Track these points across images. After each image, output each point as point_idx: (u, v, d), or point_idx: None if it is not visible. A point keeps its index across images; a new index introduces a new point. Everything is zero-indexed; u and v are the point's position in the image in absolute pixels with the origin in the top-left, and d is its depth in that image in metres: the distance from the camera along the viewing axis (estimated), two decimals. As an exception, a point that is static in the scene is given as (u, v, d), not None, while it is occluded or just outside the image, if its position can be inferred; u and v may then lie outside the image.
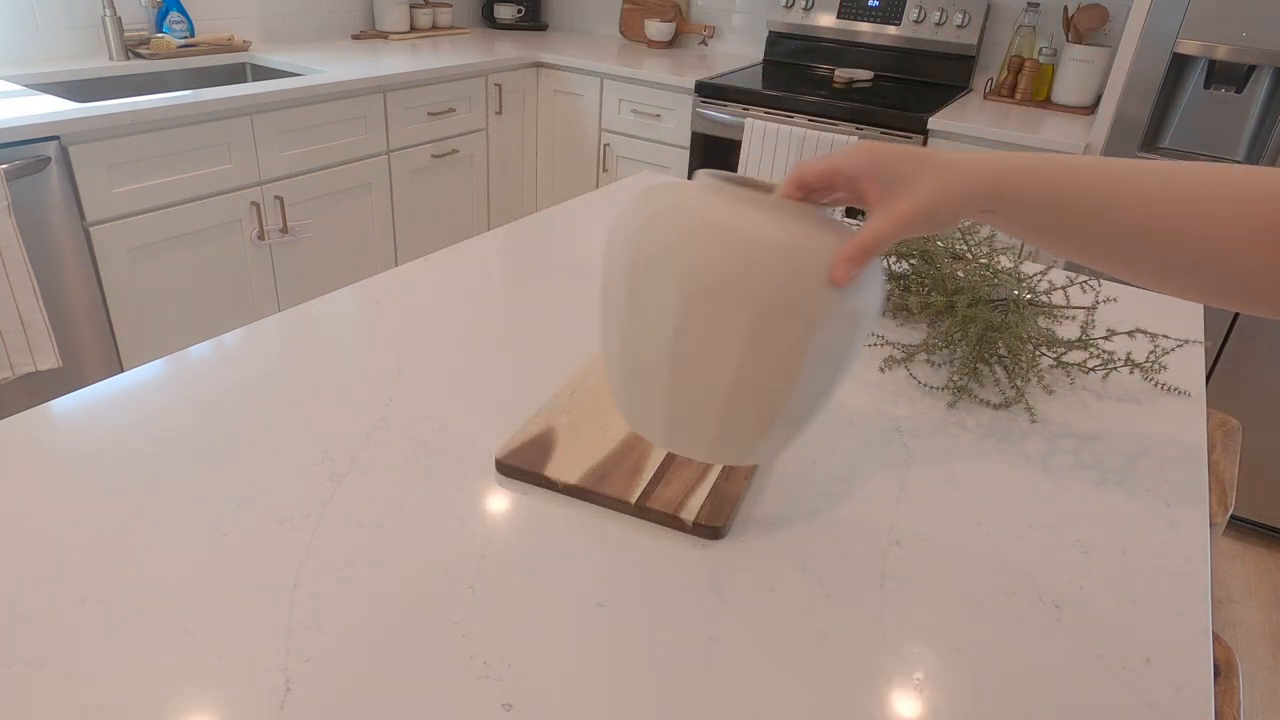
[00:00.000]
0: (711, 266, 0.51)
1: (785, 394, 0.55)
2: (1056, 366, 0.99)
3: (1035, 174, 0.51)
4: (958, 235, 1.07)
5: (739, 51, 3.03)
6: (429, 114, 2.45)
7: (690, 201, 0.54)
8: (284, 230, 2.11)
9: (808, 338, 0.53)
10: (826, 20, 2.74)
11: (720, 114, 2.47)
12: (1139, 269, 0.51)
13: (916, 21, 2.61)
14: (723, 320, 0.52)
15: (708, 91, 2.48)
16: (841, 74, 2.57)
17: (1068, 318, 1.11)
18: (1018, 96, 2.43)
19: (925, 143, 2.20)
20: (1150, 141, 1.95)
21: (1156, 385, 0.97)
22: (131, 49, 2.21)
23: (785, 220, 0.53)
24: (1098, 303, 1.15)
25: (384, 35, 2.84)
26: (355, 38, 2.81)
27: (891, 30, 2.65)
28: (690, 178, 2.60)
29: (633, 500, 0.69)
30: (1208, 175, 0.47)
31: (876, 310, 0.56)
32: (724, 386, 0.55)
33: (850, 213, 1.91)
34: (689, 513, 0.68)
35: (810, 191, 0.56)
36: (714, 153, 2.63)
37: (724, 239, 0.51)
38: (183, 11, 2.31)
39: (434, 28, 2.99)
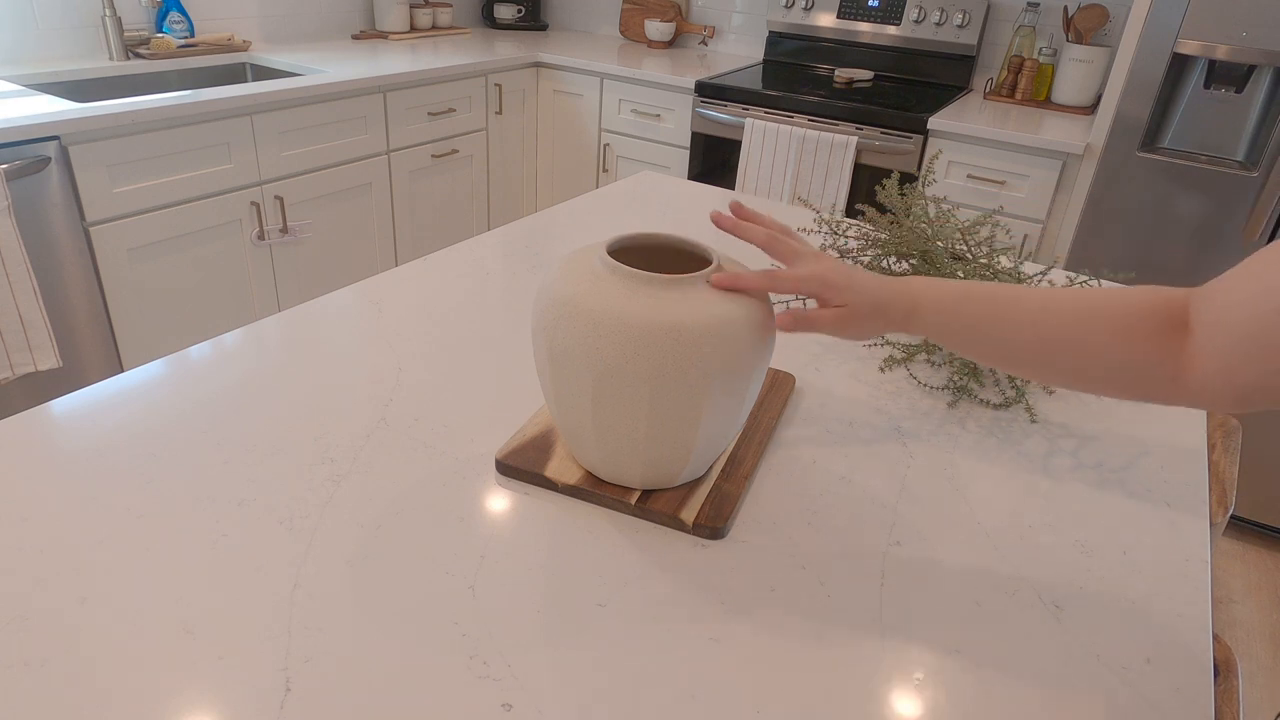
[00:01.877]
0: (611, 353, 0.61)
1: (694, 437, 0.65)
2: (1056, 366, 0.99)
3: (941, 289, 0.64)
4: (958, 235, 1.07)
5: (739, 51, 3.03)
6: (429, 114, 2.45)
7: (591, 294, 0.62)
8: (284, 230, 2.11)
9: (702, 397, 0.62)
10: (826, 20, 2.74)
11: (720, 114, 2.47)
12: (1034, 371, 0.62)
13: (916, 21, 2.61)
14: (626, 393, 0.62)
15: (708, 91, 2.48)
16: (841, 74, 2.57)
17: (1068, 318, 1.11)
18: (1018, 96, 2.43)
19: (925, 142, 2.21)
20: (1150, 141, 1.95)
21: (1156, 385, 0.97)
22: (131, 49, 2.21)
23: (672, 299, 0.61)
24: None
25: (384, 35, 2.84)
26: (355, 38, 2.81)
27: (891, 30, 2.65)
28: (690, 177, 2.60)
29: (633, 500, 0.69)
30: (1075, 296, 0.60)
31: (764, 366, 0.66)
32: (639, 438, 0.65)
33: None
34: (689, 513, 0.68)
35: (742, 229, 0.68)
36: (714, 153, 2.63)
37: (620, 328, 0.60)
38: (183, 11, 2.31)
39: (434, 28, 2.99)
